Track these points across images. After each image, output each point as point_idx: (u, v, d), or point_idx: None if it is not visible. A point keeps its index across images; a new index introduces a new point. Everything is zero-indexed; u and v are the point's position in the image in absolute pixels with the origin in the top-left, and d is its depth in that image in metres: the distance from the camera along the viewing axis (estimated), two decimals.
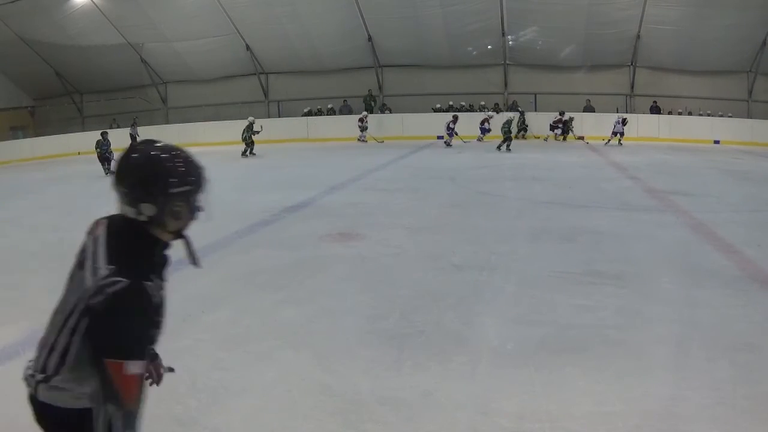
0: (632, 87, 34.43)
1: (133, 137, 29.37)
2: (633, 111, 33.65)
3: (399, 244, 11.05)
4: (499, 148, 27.56)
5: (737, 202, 15.70)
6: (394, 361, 6.25)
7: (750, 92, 34.23)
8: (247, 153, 27.88)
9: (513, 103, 33.62)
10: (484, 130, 30.44)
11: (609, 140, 30.37)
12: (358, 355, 6.44)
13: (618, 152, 26.40)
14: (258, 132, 28.01)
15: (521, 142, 31.60)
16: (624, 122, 30.26)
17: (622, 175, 19.91)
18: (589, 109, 33.42)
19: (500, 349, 6.65)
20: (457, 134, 30.09)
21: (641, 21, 31.61)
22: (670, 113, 33.65)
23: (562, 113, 32.47)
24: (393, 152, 25.56)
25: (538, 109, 33.46)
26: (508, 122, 28.43)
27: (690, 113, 33.47)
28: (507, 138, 27.83)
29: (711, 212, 13.97)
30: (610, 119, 31.18)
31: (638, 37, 32.41)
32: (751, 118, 33.25)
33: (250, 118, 28.72)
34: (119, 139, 24.09)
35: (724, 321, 7.66)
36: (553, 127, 32.57)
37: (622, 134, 30.21)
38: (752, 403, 5.58)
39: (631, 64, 33.89)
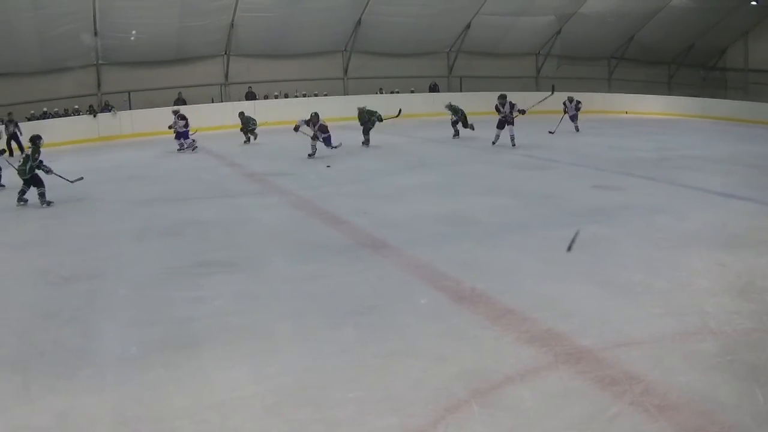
0: (226, 76, 34.75)
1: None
2: (228, 99, 33.92)
3: (5, 265, 10.34)
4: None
5: (337, 176, 16.37)
6: (21, 388, 5.92)
7: (346, 70, 35.76)
8: None
9: (106, 103, 32.66)
10: None
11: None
12: None
13: (216, 141, 26.32)
14: None
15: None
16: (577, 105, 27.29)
17: (221, 163, 20.13)
18: (180, 102, 32.93)
19: (125, 355, 6.54)
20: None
21: (235, 10, 31.90)
22: (266, 98, 34.19)
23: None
24: None
25: (132, 107, 32.74)
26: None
27: (286, 96, 34.24)
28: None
29: (313, 188, 14.57)
30: (207, 109, 31.50)
31: (232, 26, 32.71)
32: (347, 95, 34.65)
33: None
34: None
35: (342, 288, 8.10)
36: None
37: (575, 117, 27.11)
38: (382, 360, 5.98)
39: (225, 53, 34.17)
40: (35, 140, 15.09)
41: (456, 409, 5.05)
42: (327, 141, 19.97)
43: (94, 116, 30.60)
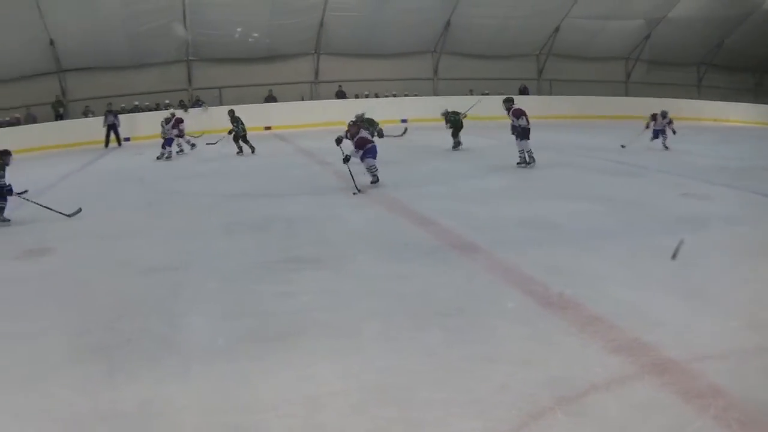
0: (317, 74, 35.01)
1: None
2: (318, 98, 34.23)
3: (92, 254, 10.67)
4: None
5: (428, 176, 16.39)
6: (107, 375, 6.05)
7: (435, 71, 35.72)
8: None
9: (197, 98, 33.22)
10: None
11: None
12: (68, 373, 6.16)
13: (306, 139, 26.53)
14: None
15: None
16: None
17: (311, 160, 20.24)
18: (271, 99, 33.60)
19: (210, 346, 6.63)
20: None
21: (324, 9, 32.29)
22: (356, 97, 34.34)
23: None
24: (80, 158, 24.64)
25: (224, 103, 33.18)
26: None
27: (376, 95, 34.36)
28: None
29: (403, 188, 14.54)
30: (296, 107, 31.78)
31: (322, 24, 33.03)
32: (437, 95, 34.61)
33: None
34: None
35: (428, 289, 8.05)
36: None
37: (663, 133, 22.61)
38: (468, 363, 5.93)
39: (315, 52, 34.44)
40: (2, 156, 13.57)
41: (540, 416, 5.00)
42: (368, 153, 15.29)
43: (185, 111, 31.10)
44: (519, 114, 18.33)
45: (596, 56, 37.75)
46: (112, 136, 29.08)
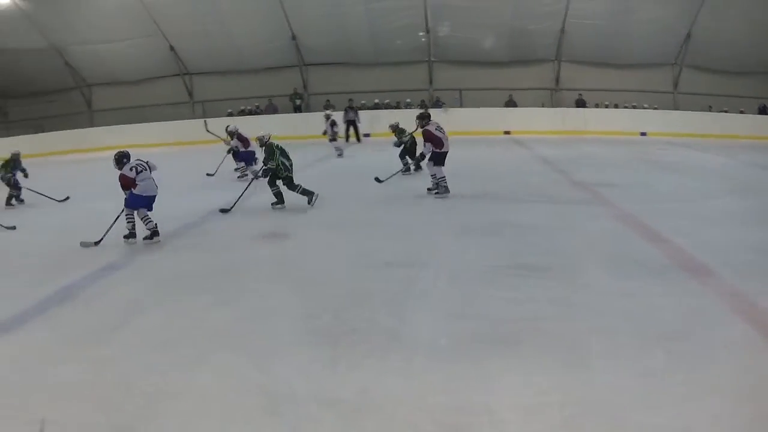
0: (557, 81, 34.73)
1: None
2: (558, 105, 33.91)
3: (328, 243, 11.04)
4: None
5: (664, 193, 15.87)
6: (329, 360, 6.23)
7: (675, 84, 34.72)
8: None
9: (437, 99, 33.57)
10: None
11: None
12: (292, 355, 6.42)
13: (545, 146, 26.38)
14: None
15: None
16: None
17: (549, 168, 19.97)
18: (511, 104, 33.55)
19: (434, 345, 6.67)
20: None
21: (565, 16, 32.05)
22: (596, 106, 33.92)
23: None
24: (319, 152, 25.32)
25: (464, 105, 33.45)
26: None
27: (616, 106, 33.79)
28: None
29: (638, 203, 14.07)
30: (535, 113, 31.82)
31: (562, 31, 32.79)
32: (677, 109, 33.68)
33: None
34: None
35: (655, 310, 7.77)
36: None
37: None
38: (689, 389, 5.70)
39: (556, 58, 34.21)
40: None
41: None
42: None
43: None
44: (428, 138, 14.87)
45: None
46: (351, 131, 29.71)
